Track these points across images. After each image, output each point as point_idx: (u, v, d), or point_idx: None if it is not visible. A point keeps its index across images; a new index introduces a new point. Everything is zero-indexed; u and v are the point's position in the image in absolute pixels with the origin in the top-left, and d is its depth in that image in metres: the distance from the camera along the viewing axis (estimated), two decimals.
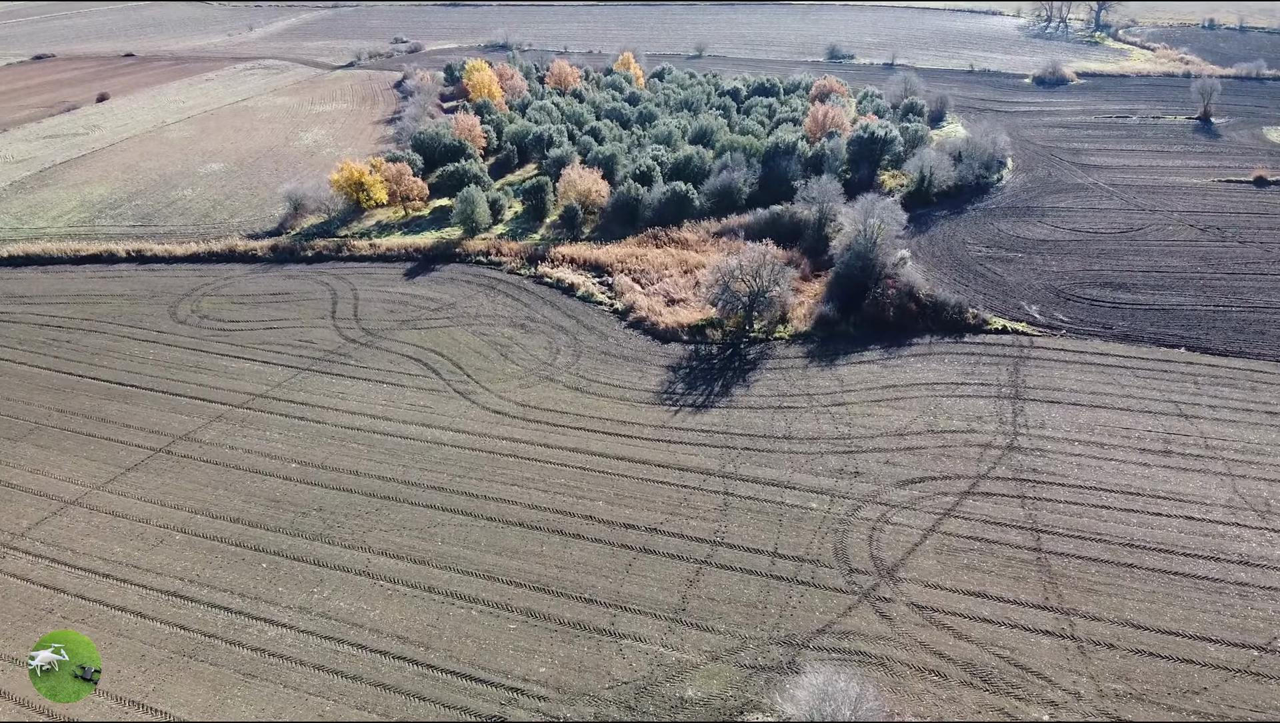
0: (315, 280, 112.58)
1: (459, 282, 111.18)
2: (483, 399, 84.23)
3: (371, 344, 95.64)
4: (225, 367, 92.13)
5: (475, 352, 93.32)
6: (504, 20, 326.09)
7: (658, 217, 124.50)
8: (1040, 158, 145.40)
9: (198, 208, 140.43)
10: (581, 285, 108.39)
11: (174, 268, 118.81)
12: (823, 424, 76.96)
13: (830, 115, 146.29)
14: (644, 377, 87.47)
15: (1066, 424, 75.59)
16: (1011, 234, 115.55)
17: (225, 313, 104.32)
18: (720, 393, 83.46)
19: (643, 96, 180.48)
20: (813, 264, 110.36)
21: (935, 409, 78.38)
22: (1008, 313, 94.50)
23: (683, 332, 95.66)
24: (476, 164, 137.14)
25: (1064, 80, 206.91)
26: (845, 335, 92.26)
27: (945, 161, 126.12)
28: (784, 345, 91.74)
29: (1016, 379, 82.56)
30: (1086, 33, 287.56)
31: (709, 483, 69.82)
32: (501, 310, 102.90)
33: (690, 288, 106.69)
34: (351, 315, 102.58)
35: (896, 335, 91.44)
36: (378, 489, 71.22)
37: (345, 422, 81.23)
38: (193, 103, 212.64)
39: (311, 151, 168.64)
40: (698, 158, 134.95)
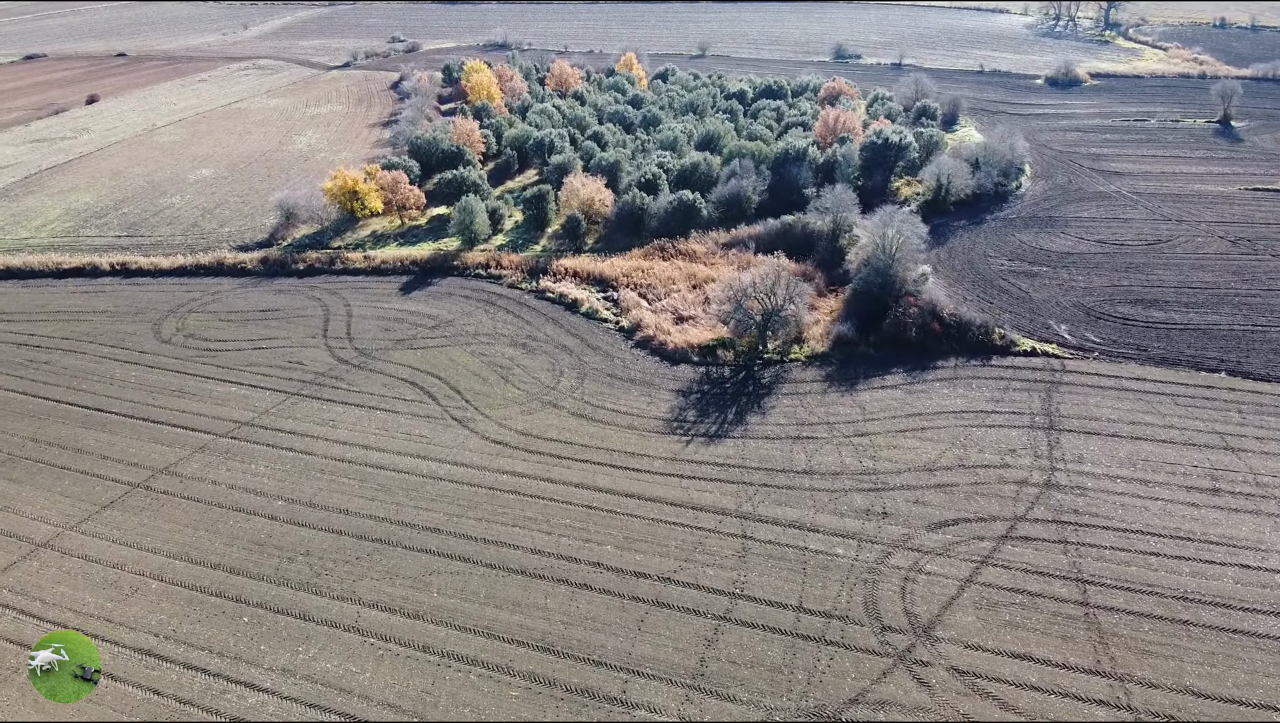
0: (307, 295, 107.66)
1: (457, 297, 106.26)
2: (482, 427, 79.38)
3: (365, 366, 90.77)
4: (210, 391, 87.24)
5: (474, 374, 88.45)
6: (503, 18, 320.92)
7: (664, 227, 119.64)
8: (1059, 164, 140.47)
9: (186, 217, 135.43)
10: (585, 301, 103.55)
11: (159, 282, 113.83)
12: (845, 457, 72.11)
13: (841, 120, 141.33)
14: (653, 402, 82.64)
15: (1106, 458, 70.78)
16: (1034, 246, 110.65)
17: (212, 331, 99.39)
18: (734, 421, 78.61)
19: (646, 99, 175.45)
20: (827, 278, 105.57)
21: (965, 441, 73.54)
22: (1036, 333, 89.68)
23: (693, 352, 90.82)
24: (475, 171, 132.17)
25: (1077, 81, 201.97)
26: (865, 357, 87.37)
27: (963, 169, 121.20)
28: (800, 368, 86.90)
29: (1050, 407, 77.72)
30: (1096, 31, 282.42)
31: (725, 524, 65.00)
32: (501, 328, 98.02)
33: (699, 304, 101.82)
34: (344, 334, 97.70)
35: (919, 357, 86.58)
36: (369, 531, 66.35)
37: (336, 453, 76.36)
38: (184, 104, 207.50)
39: (305, 156, 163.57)
40: (705, 165, 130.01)
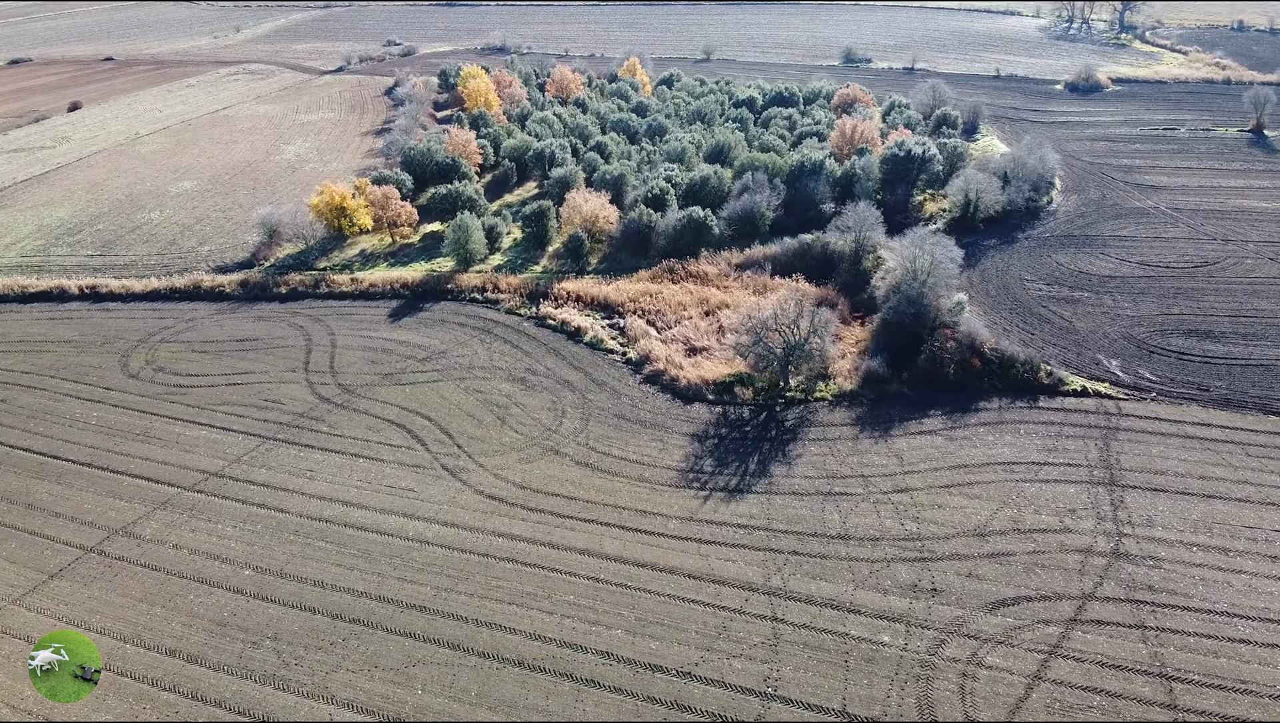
0: (288, 323, 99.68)
1: (450, 324, 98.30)
2: (476, 478, 71.48)
3: (348, 405, 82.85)
4: (178, 435, 79.30)
5: (468, 414, 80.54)
6: (502, 21, 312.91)
7: (672, 246, 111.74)
8: (1090, 177, 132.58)
9: (164, 234, 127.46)
10: (589, 329, 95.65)
11: (131, 308, 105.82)
12: (885, 518, 64.20)
13: (859, 129, 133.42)
14: (665, 448, 74.74)
15: (1178, 521, 62.86)
16: (1073, 269, 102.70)
17: (183, 365, 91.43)
18: (757, 472, 70.69)
19: (651, 106, 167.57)
20: (851, 304, 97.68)
21: (1018, 498, 65.62)
22: (1085, 369, 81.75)
23: (708, 389, 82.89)
24: (471, 185, 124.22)
25: (1099, 87, 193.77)
26: (898, 397, 79.43)
27: (993, 184, 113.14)
28: (827, 408, 78.95)
29: (1109, 458, 69.78)
30: (1111, 34, 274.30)
31: (752, 603, 57.09)
32: (498, 360, 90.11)
33: (713, 333, 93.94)
34: (327, 367, 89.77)
35: (959, 397, 78.64)
36: (346, 608, 58.43)
37: (312, 511, 68.43)
38: (170, 111, 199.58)
39: (293, 167, 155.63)
40: (715, 179, 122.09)
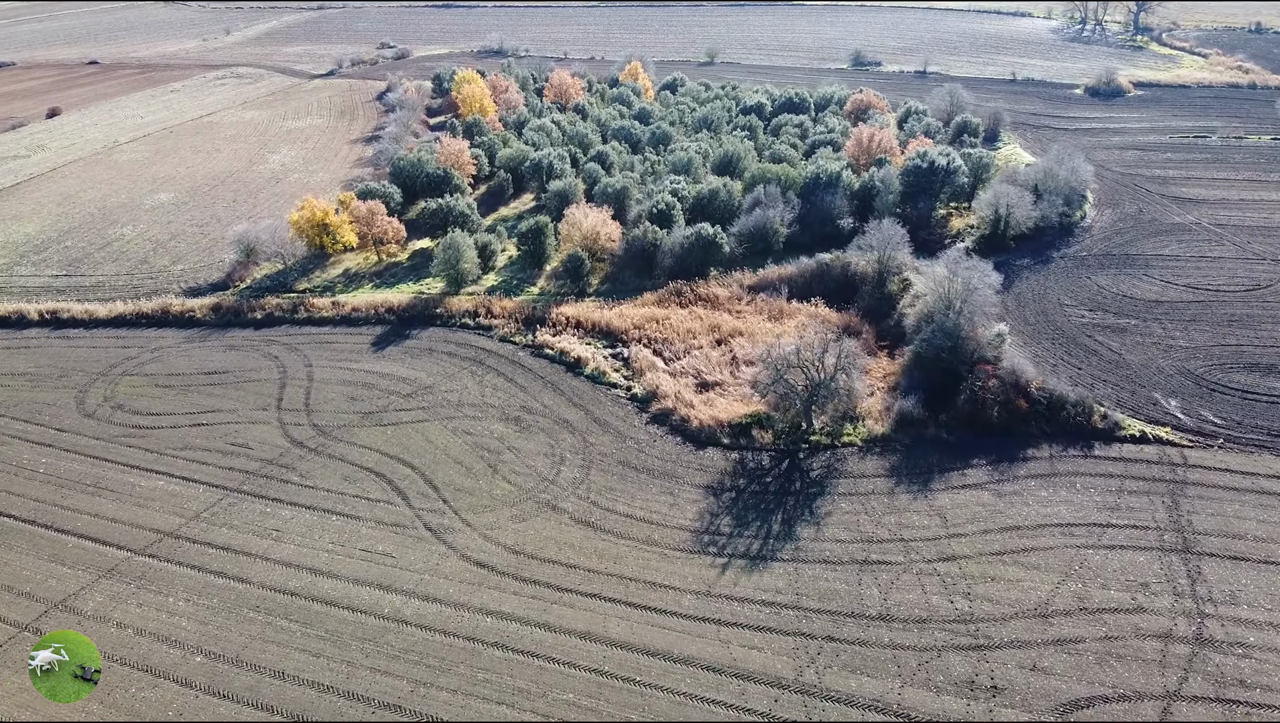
0: (262, 353, 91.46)
1: (439, 354, 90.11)
2: (462, 541, 63.31)
3: (323, 450, 74.61)
4: (132, 487, 71.07)
5: (455, 462, 72.36)
6: (499, 23, 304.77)
7: (679, 265, 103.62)
8: (1123, 189, 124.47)
9: (135, 251, 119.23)
10: (590, 360, 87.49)
11: (93, 335, 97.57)
12: (931, 594, 56.04)
13: (876, 139, 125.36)
14: (676, 502, 66.58)
15: (1265, 598, 54.73)
16: (1115, 292, 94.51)
17: (145, 401, 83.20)
18: (782, 534, 62.51)
19: (654, 113, 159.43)
20: (876, 331, 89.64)
21: (1082, 569, 57.46)
22: (1141, 411, 73.56)
23: (722, 432, 74.67)
24: (464, 200, 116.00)
25: (1120, 91, 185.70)
26: (936, 442, 71.15)
27: (1025, 198, 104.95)
28: (857, 455, 70.73)
29: (1179, 518, 61.61)
30: (1127, 36, 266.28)
31: (784, 705, 48.86)
32: (491, 396, 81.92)
33: (726, 365, 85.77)
34: (302, 404, 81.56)
35: (1004, 444, 70.41)
36: (309, 708, 50.21)
37: (276, 580, 60.23)
38: (152, 118, 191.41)
39: (277, 177, 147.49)
40: (725, 192, 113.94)
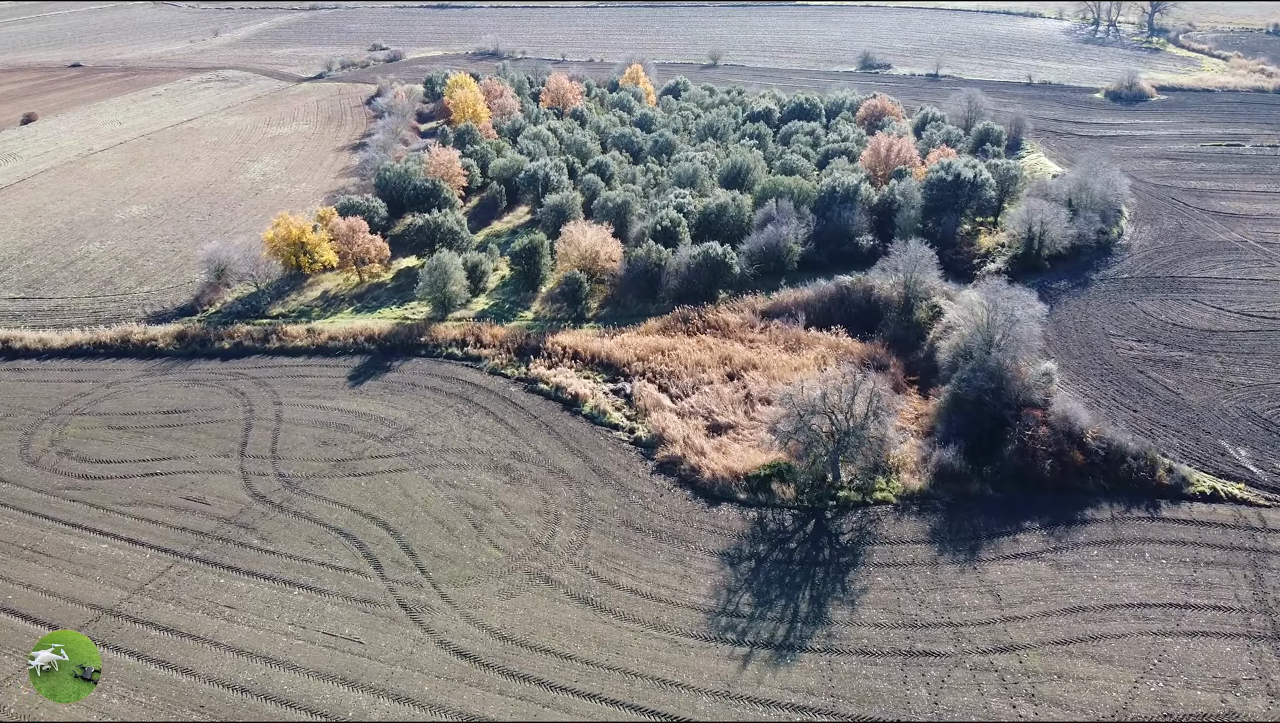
0: (228, 388, 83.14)
1: (422, 389, 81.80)
2: (441, 622, 55.08)
3: (288, 505, 66.34)
4: (73, 551, 62.79)
5: (436, 520, 64.10)
6: (495, 24, 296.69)
7: (685, 287, 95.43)
8: (1159, 202, 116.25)
9: (100, 270, 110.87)
10: (589, 397, 79.21)
11: (47, 366, 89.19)
12: (989, 696, 47.76)
13: (895, 148, 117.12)
14: (687, 573, 58.37)
15: None
16: (1164, 320, 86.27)
17: (95, 446, 74.85)
18: (811, 616, 54.25)
19: (656, 119, 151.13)
20: (904, 364, 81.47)
21: (1160, 663, 49.26)
22: (1209, 462, 65.32)
23: (738, 485, 66.43)
24: (453, 215, 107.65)
25: (1143, 96, 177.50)
26: (981, 500, 62.91)
27: (1060, 215, 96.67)
28: (892, 515, 62.46)
29: (1265, 596, 53.38)
30: (1143, 38, 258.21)
31: None
32: (478, 440, 73.62)
33: (739, 403, 77.50)
34: (268, 450, 73.23)
35: (1058, 503, 62.16)
36: None
37: (225, 673, 51.95)
38: (131, 124, 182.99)
39: (257, 188, 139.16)
40: (734, 207, 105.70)
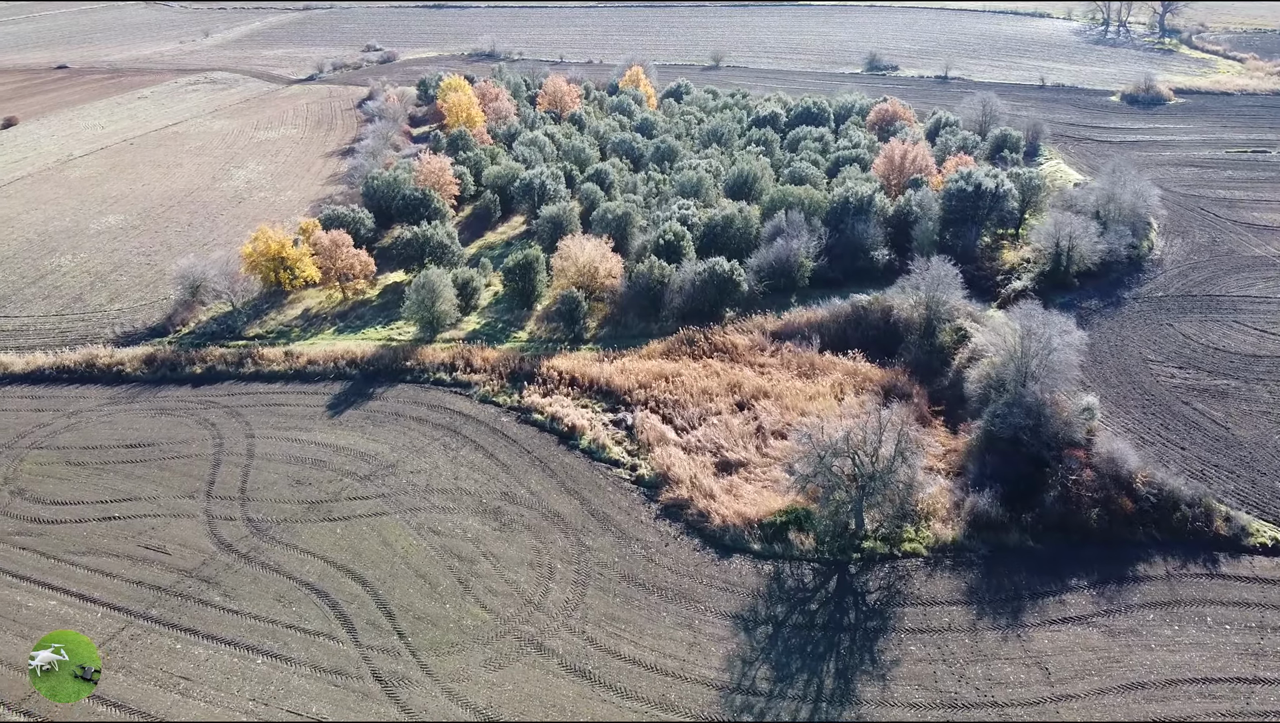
0: (198, 418, 76.98)
1: (406, 420, 75.68)
2: (420, 699, 48.96)
3: (256, 555, 60.22)
4: (18, 608, 56.62)
5: (417, 574, 58.02)
6: (492, 24, 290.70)
7: (690, 305, 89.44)
8: (1189, 214, 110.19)
9: (71, 286, 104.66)
10: (587, 429, 73.12)
11: (6, 393, 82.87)
12: None
13: (910, 156, 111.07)
14: (696, 641, 52.26)
15: None
16: (1205, 343, 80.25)
17: (51, 485, 68.67)
18: (837, 693, 48.13)
19: (657, 124, 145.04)
20: (928, 392, 75.34)
21: None
22: (1269, 508, 59.23)
23: (751, 533, 60.34)
24: (443, 228, 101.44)
25: (1160, 99, 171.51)
26: (1022, 552, 56.83)
27: (1089, 228, 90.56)
28: (924, 571, 56.36)
29: None
30: (1155, 38, 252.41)
31: None
32: (466, 479, 67.49)
33: (750, 437, 71.41)
34: (237, 490, 67.09)
35: (1107, 556, 56.06)
36: None
37: None
38: (114, 128, 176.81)
39: (240, 197, 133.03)
40: (740, 219, 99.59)
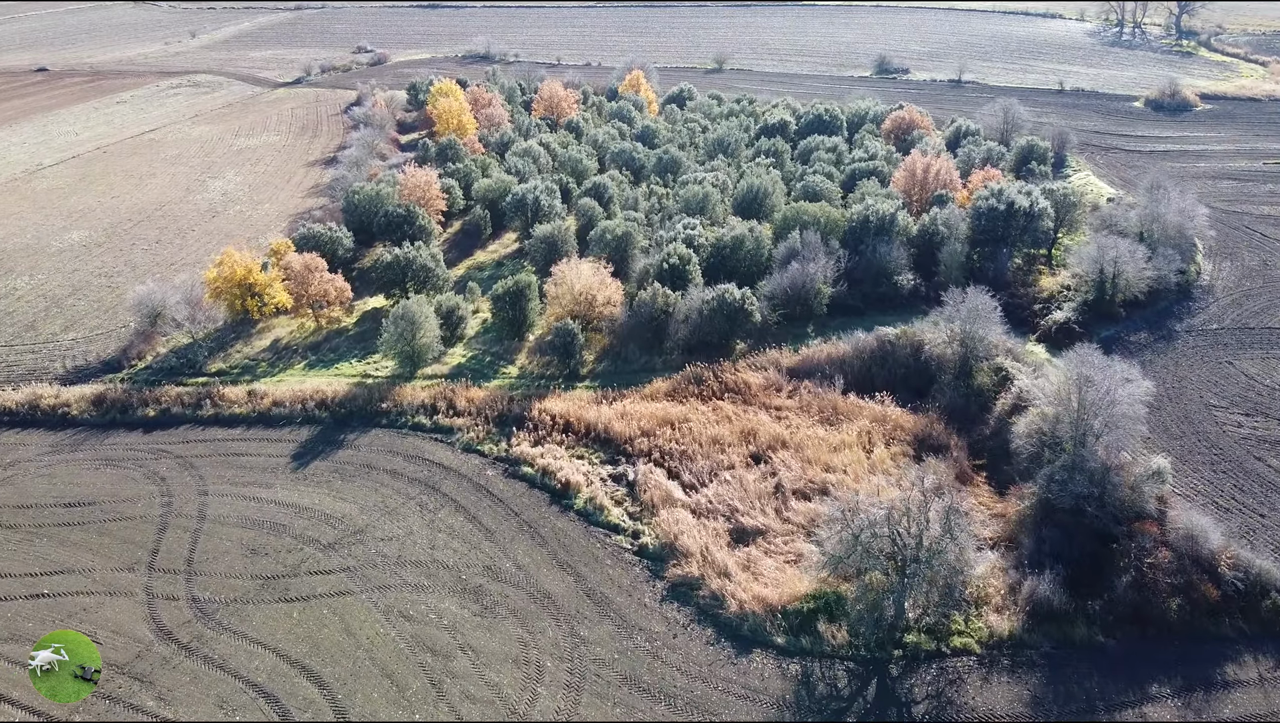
0: (146, 471, 68.53)
1: (380, 473, 67.31)
2: None
3: (198, 646, 51.84)
4: None
5: (383, 673, 49.63)
6: (487, 25, 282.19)
7: (697, 337, 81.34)
8: (1234, 232, 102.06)
9: (23, 312, 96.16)
10: (583, 487, 64.81)
11: None
12: None
13: (934, 169, 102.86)
14: None
15: None
16: (1269, 385, 71.95)
17: None
18: None
19: (659, 133, 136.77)
20: (967, 443, 67.02)
21: None
22: None
23: (774, 623, 51.94)
24: (427, 249, 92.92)
25: (1187, 105, 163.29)
26: (1091, 649, 48.59)
27: (1137, 253, 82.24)
28: (978, 673, 48.00)
29: None
30: (1172, 40, 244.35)
31: None
32: (444, 549, 59.16)
33: (769, 496, 63.13)
34: (184, 561, 58.71)
35: (1189, 655, 47.84)
36: None
37: None
38: (89, 134, 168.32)
39: (215, 210, 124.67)
40: (751, 240, 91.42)
